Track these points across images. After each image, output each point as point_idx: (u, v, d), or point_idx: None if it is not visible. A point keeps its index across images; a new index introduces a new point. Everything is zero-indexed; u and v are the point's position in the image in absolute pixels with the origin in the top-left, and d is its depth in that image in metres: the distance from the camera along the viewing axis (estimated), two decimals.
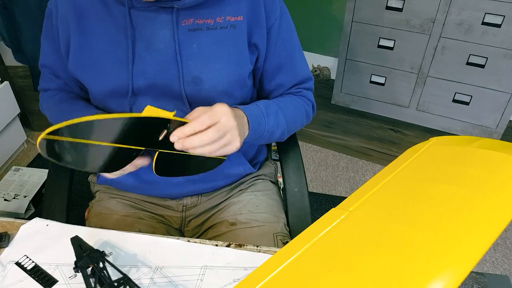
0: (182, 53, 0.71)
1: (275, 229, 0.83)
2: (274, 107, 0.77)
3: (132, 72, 0.71)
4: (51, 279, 0.60)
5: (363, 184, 0.57)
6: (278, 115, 0.77)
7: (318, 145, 2.16)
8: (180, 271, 0.61)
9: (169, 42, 0.70)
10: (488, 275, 0.60)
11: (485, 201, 0.47)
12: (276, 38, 0.77)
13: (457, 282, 0.38)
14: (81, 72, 0.75)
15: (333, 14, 2.44)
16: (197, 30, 0.70)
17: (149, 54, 0.71)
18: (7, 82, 1.88)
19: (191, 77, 0.72)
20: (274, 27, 0.76)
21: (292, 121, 0.82)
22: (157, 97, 0.74)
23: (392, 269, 0.42)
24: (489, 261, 1.59)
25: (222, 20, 0.71)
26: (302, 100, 0.86)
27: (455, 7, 1.85)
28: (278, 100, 0.81)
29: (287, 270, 0.47)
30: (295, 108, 0.83)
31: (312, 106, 0.90)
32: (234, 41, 0.72)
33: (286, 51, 0.80)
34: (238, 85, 0.76)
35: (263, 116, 0.74)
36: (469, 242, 0.42)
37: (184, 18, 0.70)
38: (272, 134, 0.77)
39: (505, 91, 1.95)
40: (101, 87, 0.74)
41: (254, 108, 0.74)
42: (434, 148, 0.62)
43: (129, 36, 0.70)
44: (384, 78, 2.20)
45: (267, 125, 0.74)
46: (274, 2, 0.75)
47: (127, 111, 0.75)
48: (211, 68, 0.72)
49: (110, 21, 0.71)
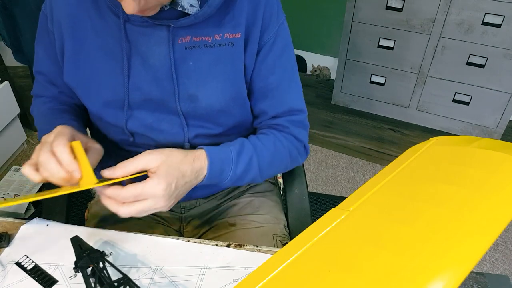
0: (178, 70, 0.68)
1: (275, 231, 0.83)
2: (248, 152, 0.72)
3: (128, 86, 0.70)
4: (51, 279, 0.60)
5: (363, 184, 0.57)
6: (251, 162, 0.72)
7: (318, 145, 2.16)
8: (180, 271, 0.61)
9: (165, 59, 0.68)
10: (488, 275, 0.60)
11: (485, 201, 0.47)
12: (263, 59, 0.72)
13: (457, 282, 0.38)
14: (76, 82, 0.73)
15: (333, 14, 2.44)
16: (194, 48, 0.67)
17: (144, 70, 0.69)
18: (7, 82, 1.88)
19: (187, 94, 0.70)
20: (266, 47, 0.71)
21: (267, 167, 0.75)
22: (153, 111, 0.72)
23: (392, 269, 0.42)
24: (489, 261, 1.59)
25: (220, 37, 0.68)
26: (287, 141, 0.78)
27: (455, 7, 1.85)
28: (257, 140, 0.74)
29: (287, 270, 0.47)
30: (276, 151, 0.75)
31: (304, 147, 0.83)
32: (232, 59, 0.69)
33: (275, 76, 0.73)
34: (236, 104, 0.73)
35: (231, 164, 0.69)
36: (469, 242, 0.42)
37: (181, 36, 0.67)
38: (238, 180, 0.72)
39: (505, 91, 1.95)
40: (96, 99, 0.72)
41: (224, 154, 0.69)
42: (434, 148, 0.62)
43: (125, 50, 0.68)
44: (384, 78, 2.20)
45: (232, 173, 0.70)
46: (272, 19, 0.70)
47: (123, 125, 0.73)
48: (207, 86, 0.69)
49: (106, 31, 0.68)
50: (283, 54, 0.73)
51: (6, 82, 1.87)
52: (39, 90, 0.83)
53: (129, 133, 0.75)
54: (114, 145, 0.81)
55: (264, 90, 0.74)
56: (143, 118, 0.73)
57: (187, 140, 0.74)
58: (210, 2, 0.63)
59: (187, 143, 0.75)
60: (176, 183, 0.62)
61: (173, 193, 0.62)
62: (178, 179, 0.62)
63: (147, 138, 0.75)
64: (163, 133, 0.74)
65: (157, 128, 0.73)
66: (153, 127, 0.73)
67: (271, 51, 0.72)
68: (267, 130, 0.78)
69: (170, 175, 0.61)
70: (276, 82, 0.74)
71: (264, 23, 0.69)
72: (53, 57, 0.76)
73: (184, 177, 0.63)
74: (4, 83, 1.86)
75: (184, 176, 0.63)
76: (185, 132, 0.73)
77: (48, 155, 0.59)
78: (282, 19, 0.72)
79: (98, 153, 0.67)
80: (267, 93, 0.75)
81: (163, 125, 0.73)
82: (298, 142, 0.80)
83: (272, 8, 0.70)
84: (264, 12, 0.69)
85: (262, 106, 0.76)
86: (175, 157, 0.63)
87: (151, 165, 0.61)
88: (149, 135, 0.74)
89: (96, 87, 0.71)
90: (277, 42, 0.72)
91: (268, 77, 0.73)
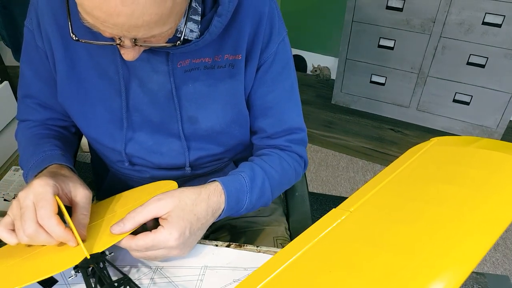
0: (177, 94, 0.66)
1: (276, 233, 0.83)
2: (260, 177, 0.69)
3: (127, 107, 0.67)
4: (51, 279, 0.60)
5: (364, 184, 0.57)
6: (264, 187, 0.69)
7: (318, 145, 2.16)
8: (180, 271, 0.61)
9: (164, 84, 0.65)
10: (488, 275, 0.60)
11: (486, 201, 0.47)
12: (262, 76, 0.69)
13: (458, 283, 0.38)
14: (70, 103, 0.70)
15: (333, 14, 2.44)
16: (194, 70, 0.65)
17: (142, 92, 0.66)
18: (7, 82, 1.88)
19: (187, 116, 0.68)
20: (265, 65, 0.68)
21: (277, 188, 0.73)
22: (153, 134, 0.70)
23: (393, 269, 0.41)
24: (489, 261, 1.59)
25: (220, 58, 0.65)
26: (292, 159, 0.76)
27: (455, 7, 1.85)
28: (264, 163, 0.71)
29: (287, 270, 0.47)
30: (283, 170, 0.73)
31: (304, 163, 0.81)
32: (232, 80, 0.67)
33: (274, 94, 0.71)
34: (237, 124, 0.71)
35: (246, 192, 0.66)
36: (470, 242, 0.42)
37: (180, 60, 0.64)
38: (252, 208, 0.69)
39: (506, 91, 1.95)
40: (92, 120, 0.70)
41: (239, 183, 0.66)
42: (435, 149, 0.62)
43: (122, 74, 0.65)
44: (384, 78, 2.20)
45: (247, 201, 0.66)
46: (272, 36, 0.67)
47: (121, 148, 0.71)
48: (208, 108, 0.68)
49: (100, 52, 0.65)
50: (282, 72, 0.71)
51: (6, 82, 1.87)
52: (25, 113, 0.77)
53: (125, 157, 0.72)
54: (111, 168, 0.80)
55: (263, 107, 0.72)
56: (143, 141, 0.70)
57: (188, 163, 0.73)
58: (212, 30, 0.60)
59: (188, 168, 0.73)
60: (190, 229, 0.58)
61: (187, 240, 0.58)
62: (192, 223, 0.58)
63: (146, 161, 0.73)
64: (163, 155, 0.72)
65: (157, 151, 0.71)
66: (153, 150, 0.71)
67: (270, 68, 0.69)
68: (269, 150, 0.75)
69: (183, 221, 0.57)
70: (274, 100, 0.72)
71: (265, 41, 0.67)
72: (44, 77, 0.71)
73: (199, 220, 0.59)
74: (4, 83, 1.86)
75: (199, 219, 0.59)
76: (186, 155, 0.72)
77: (35, 228, 0.54)
78: (283, 35, 0.70)
79: (86, 201, 0.61)
80: (265, 111, 0.72)
81: (163, 148, 0.71)
82: (300, 158, 0.78)
83: (273, 25, 0.67)
84: (265, 29, 0.66)
85: (260, 124, 0.74)
86: (188, 198, 0.59)
87: (162, 212, 0.57)
88: (149, 158, 0.72)
89: (91, 108, 0.68)
90: (276, 59, 0.69)
91: (267, 95, 0.71)
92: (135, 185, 0.72)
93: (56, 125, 0.78)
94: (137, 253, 0.58)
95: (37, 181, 0.57)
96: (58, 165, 0.65)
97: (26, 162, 0.69)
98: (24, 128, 0.76)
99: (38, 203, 0.55)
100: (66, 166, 0.66)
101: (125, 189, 0.71)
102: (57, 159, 0.67)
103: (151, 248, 0.56)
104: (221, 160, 0.78)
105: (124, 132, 0.69)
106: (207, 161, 0.76)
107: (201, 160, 0.74)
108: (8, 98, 1.88)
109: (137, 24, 0.46)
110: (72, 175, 0.63)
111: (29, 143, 0.72)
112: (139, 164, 0.74)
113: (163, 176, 0.75)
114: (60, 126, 0.79)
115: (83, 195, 0.61)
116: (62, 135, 0.78)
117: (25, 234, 0.54)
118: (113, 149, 0.72)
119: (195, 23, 0.60)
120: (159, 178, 0.72)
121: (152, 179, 0.74)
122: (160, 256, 0.58)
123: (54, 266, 0.54)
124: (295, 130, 0.75)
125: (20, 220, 0.55)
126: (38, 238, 0.54)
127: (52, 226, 0.54)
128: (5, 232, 0.56)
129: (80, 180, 0.63)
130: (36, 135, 0.74)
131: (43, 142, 0.71)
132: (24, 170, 0.69)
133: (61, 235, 0.54)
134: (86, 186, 0.62)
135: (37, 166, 0.66)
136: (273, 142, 0.75)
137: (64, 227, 0.55)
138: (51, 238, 0.55)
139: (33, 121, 0.77)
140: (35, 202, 0.55)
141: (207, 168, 0.78)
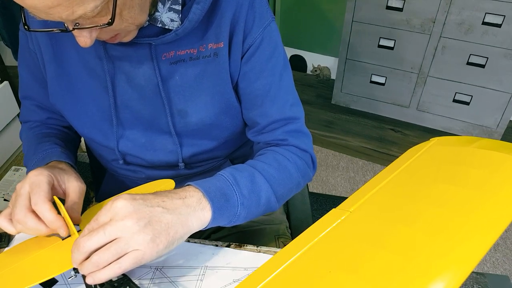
0: (164, 87, 0.66)
1: (277, 232, 0.83)
2: (243, 169, 0.64)
3: (116, 104, 0.67)
4: (51, 279, 0.60)
5: (364, 185, 0.57)
6: (254, 178, 0.63)
7: (318, 145, 2.16)
8: (180, 271, 0.61)
9: (150, 78, 0.65)
10: (488, 275, 0.60)
11: (486, 201, 0.47)
12: (247, 62, 0.67)
13: (458, 283, 0.38)
14: (62, 103, 0.70)
15: (333, 14, 2.44)
16: (180, 62, 0.64)
17: (131, 88, 0.66)
18: (7, 82, 1.88)
19: (176, 110, 0.67)
20: (250, 50, 0.66)
21: (278, 183, 0.66)
22: (145, 131, 0.70)
23: (393, 269, 0.41)
24: (490, 261, 1.59)
25: (205, 48, 0.64)
26: (290, 152, 0.70)
27: (455, 7, 1.85)
28: (250, 161, 0.67)
29: (287, 270, 0.47)
30: (280, 164, 0.67)
31: (311, 158, 0.73)
32: (217, 70, 0.66)
33: (262, 81, 0.68)
34: (228, 115, 0.70)
35: (230, 185, 0.60)
36: (470, 242, 0.42)
37: (164, 52, 0.63)
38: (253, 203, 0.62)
39: (506, 91, 1.95)
40: (84, 119, 0.70)
41: (214, 178, 0.61)
42: (435, 149, 0.62)
43: (107, 70, 0.65)
44: (384, 78, 2.20)
45: (238, 194, 0.60)
46: (255, 22, 0.65)
47: (114, 146, 0.71)
48: (196, 100, 0.67)
49: (86, 49, 0.62)
50: (270, 59, 0.68)
51: (6, 82, 1.87)
52: (26, 115, 0.80)
53: (119, 155, 0.73)
54: (108, 168, 0.81)
55: (252, 96, 0.69)
56: (135, 139, 0.71)
57: (181, 160, 0.72)
58: (191, 17, 0.59)
59: (181, 163, 0.73)
60: (143, 198, 0.53)
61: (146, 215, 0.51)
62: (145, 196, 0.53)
63: (140, 159, 0.73)
64: (157, 153, 0.72)
65: (150, 149, 0.71)
66: (146, 148, 0.71)
67: (255, 54, 0.66)
68: (264, 150, 0.72)
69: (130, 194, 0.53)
70: (263, 87, 0.68)
71: (247, 26, 0.64)
72: (40, 79, 0.73)
73: (157, 196, 0.54)
74: (4, 83, 1.86)
75: (156, 195, 0.54)
76: (178, 152, 0.71)
77: (24, 213, 0.55)
78: (268, 21, 0.67)
79: (80, 192, 0.62)
80: (255, 99, 0.69)
81: (156, 145, 0.71)
82: (302, 152, 0.72)
83: (255, 11, 0.65)
84: (247, 15, 0.64)
85: (251, 115, 0.71)
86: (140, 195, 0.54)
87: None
88: (143, 156, 0.72)
89: (83, 107, 0.69)
90: (263, 45, 0.66)
91: (255, 82, 0.68)
92: (132, 185, 0.73)
93: (57, 124, 0.80)
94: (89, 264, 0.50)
95: (33, 171, 0.59)
96: (57, 161, 0.68)
97: (29, 161, 0.72)
98: (27, 129, 0.79)
99: (32, 190, 0.57)
100: (64, 161, 0.68)
101: (123, 191, 0.71)
102: (56, 156, 0.69)
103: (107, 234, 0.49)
104: (216, 158, 0.78)
105: (114, 129, 0.70)
106: (202, 159, 0.75)
107: (195, 158, 0.74)
108: (8, 98, 1.88)
109: (53, 3, 0.44)
110: (68, 169, 0.66)
111: (32, 143, 0.74)
112: (134, 163, 0.75)
113: (159, 176, 0.75)
114: (61, 125, 0.81)
115: (75, 186, 0.62)
116: (63, 133, 0.80)
117: (15, 219, 0.56)
118: (107, 147, 0.73)
119: (175, 13, 0.60)
120: (155, 178, 0.72)
121: (148, 180, 0.74)
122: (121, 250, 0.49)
123: (55, 267, 0.55)
124: (290, 120, 0.71)
125: (13, 207, 0.57)
126: (27, 224, 0.56)
127: (44, 211, 0.55)
128: (5, 221, 0.58)
129: (75, 174, 0.65)
130: (37, 134, 0.76)
131: (44, 141, 0.73)
132: (27, 169, 0.71)
133: (53, 220, 0.56)
134: (80, 179, 0.64)
135: (38, 164, 0.68)
136: (268, 137, 0.72)
137: (56, 214, 0.56)
138: (41, 224, 0.56)
139: (34, 122, 0.79)
140: (29, 190, 0.57)
141: (203, 166, 0.78)
